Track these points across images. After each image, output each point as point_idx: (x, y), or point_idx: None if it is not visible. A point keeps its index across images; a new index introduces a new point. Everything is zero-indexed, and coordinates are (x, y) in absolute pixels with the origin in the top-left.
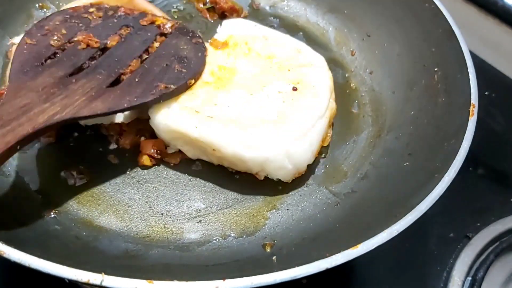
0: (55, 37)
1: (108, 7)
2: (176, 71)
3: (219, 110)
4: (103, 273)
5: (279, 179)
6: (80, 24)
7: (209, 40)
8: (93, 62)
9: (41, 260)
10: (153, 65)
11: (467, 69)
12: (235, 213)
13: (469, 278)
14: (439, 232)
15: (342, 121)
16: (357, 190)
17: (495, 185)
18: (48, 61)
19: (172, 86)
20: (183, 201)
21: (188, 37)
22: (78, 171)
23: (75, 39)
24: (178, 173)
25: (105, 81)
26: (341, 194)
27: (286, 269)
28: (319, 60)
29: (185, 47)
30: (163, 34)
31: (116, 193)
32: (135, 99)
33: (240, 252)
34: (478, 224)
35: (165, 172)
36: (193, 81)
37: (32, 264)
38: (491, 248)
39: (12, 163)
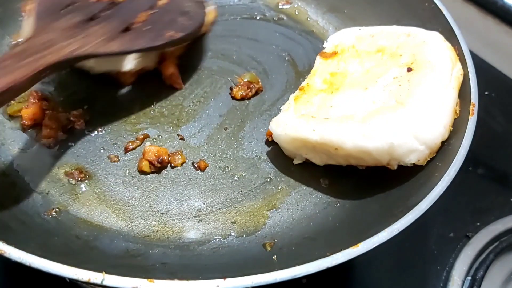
0: None
1: None
2: (181, 23)
3: (335, 111)
4: (103, 272)
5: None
6: None
7: (318, 55)
8: (106, 12)
9: (42, 259)
10: (160, 17)
11: (467, 68)
12: (235, 213)
13: (469, 278)
14: (439, 231)
15: None
16: (357, 189)
17: (495, 185)
18: (66, 9)
19: (180, 33)
20: (183, 201)
21: None
22: (79, 171)
23: None
24: (179, 172)
25: (118, 27)
26: (341, 193)
27: (286, 268)
28: (433, 36)
29: (188, 4)
30: None
31: (116, 192)
32: (146, 43)
33: (241, 252)
34: (478, 224)
35: (166, 172)
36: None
37: (33, 263)
38: (491, 248)
39: (13, 162)
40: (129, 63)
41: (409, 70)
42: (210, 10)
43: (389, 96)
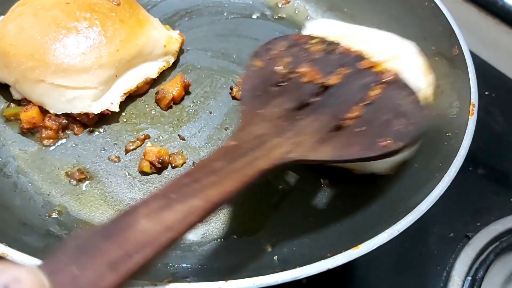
0: (280, 64)
1: (329, 41)
2: (401, 127)
3: None
4: None
5: None
6: (304, 55)
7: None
8: (317, 99)
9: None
10: (374, 116)
11: (467, 67)
12: (236, 213)
13: (469, 278)
14: (439, 232)
15: None
16: (357, 189)
17: (495, 185)
18: (275, 88)
19: (400, 143)
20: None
21: (406, 92)
22: (79, 171)
23: (299, 70)
24: (180, 173)
25: (329, 123)
26: (342, 194)
27: (287, 270)
28: (407, 49)
29: (405, 101)
30: (381, 83)
31: (117, 193)
32: (358, 153)
33: (242, 252)
34: (478, 224)
35: (167, 172)
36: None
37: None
38: (491, 248)
39: (13, 163)
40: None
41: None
42: (168, 36)
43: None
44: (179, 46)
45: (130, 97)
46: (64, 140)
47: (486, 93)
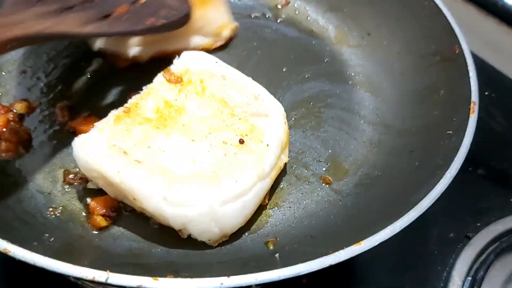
0: None
1: None
2: (163, 13)
3: (151, 155)
4: (108, 271)
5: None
6: None
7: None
8: (85, 4)
9: (47, 258)
10: (141, 9)
11: (467, 66)
12: None
13: (469, 278)
14: (439, 232)
15: (343, 118)
16: (358, 188)
17: (495, 185)
18: (40, 2)
19: (162, 20)
20: None
21: None
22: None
23: None
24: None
25: (96, 15)
26: (343, 192)
27: (290, 266)
28: (277, 110)
29: (171, 2)
30: None
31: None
32: (125, 27)
33: (243, 250)
34: (478, 224)
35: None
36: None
37: (38, 262)
38: (491, 248)
39: (15, 163)
40: (134, 49)
41: (241, 142)
42: (225, 22)
43: (210, 163)
44: (231, 35)
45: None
46: (63, 139)
47: (486, 93)
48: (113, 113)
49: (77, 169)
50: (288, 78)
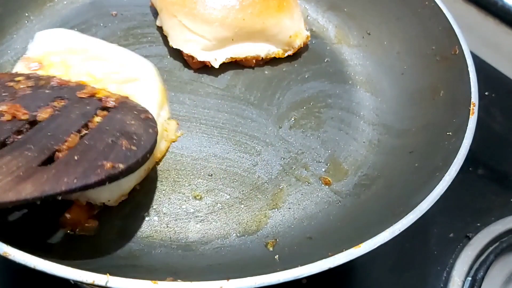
0: None
1: (39, 76)
2: (124, 148)
3: None
4: (108, 274)
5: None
6: (4, 93)
7: (19, 59)
8: (20, 137)
9: (47, 261)
10: (95, 141)
11: (467, 67)
12: (237, 212)
13: (469, 278)
14: (439, 232)
15: (343, 118)
16: (358, 189)
17: (495, 185)
18: None
19: (121, 165)
20: (185, 200)
21: (135, 112)
22: None
23: None
24: (180, 173)
25: (35, 159)
26: (342, 192)
27: (289, 269)
28: (145, 71)
29: (133, 122)
30: (105, 108)
31: None
32: (75, 180)
33: (243, 251)
34: (478, 224)
35: (167, 171)
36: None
37: (38, 265)
38: (491, 248)
39: None
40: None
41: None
42: (298, 31)
43: None
44: (302, 44)
45: (235, 64)
46: None
47: (486, 93)
48: None
49: None
50: (288, 78)
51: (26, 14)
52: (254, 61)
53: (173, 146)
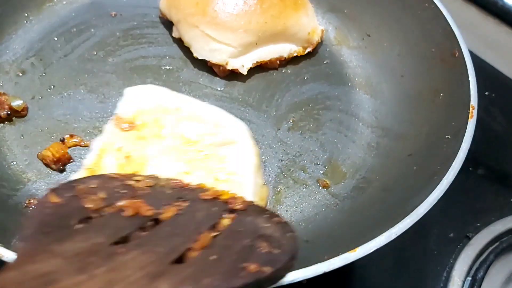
0: (90, 200)
1: (159, 177)
2: (264, 251)
3: None
4: None
5: None
6: (123, 191)
7: (111, 118)
8: (144, 233)
9: None
10: (231, 242)
11: (467, 69)
12: None
13: (469, 278)
14: (439, 232)
15: (341, 120)
16: (356, 191)
17: (495, 185)
18: (81, 225)
19: (268, 269)
20: None
21: (266, 215)
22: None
23: (119, 203)
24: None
25: (167, 256)
26: (340, 195)
27: None
28: (241, 133)
29: (267, 225)
30: (232, 211)
31: None
32: (217, 282)
33: None
34: (478, 224)
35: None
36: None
37: None
38: (491, 248)
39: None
40: None
41: (216, 179)
42: (314, 27)
43: None
44: (319, 40)
45: (260, 67)
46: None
47: (486, 93)
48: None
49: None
50: (287, 80)
51: (26, 14)
52: (278, 62)
53: None
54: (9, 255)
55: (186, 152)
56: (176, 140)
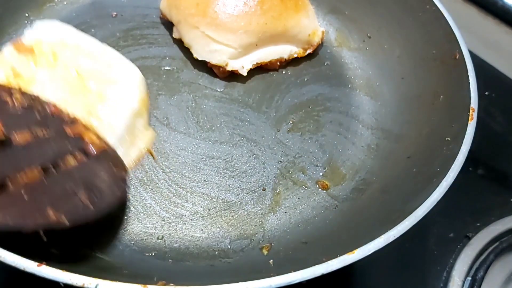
0: None
1: (38, 98)
2: (79, 203)
3: None
4: (97, 278)
5: None
6: None
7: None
8: None
9: (36, 263)
10: (55, 185)
11: (467, 72)
12: (232, 216)
13: (469, 278)
14: (439, 232)
15: (341, 122)
16: (355, 193)
17: (495, 185)
18: None
19: (66, 222)
20: (179, 203)
21: (113, 166)
22: None
23: None
24: (176, 175)
25: None
26: (339, 197)
27: (282, 275)
28: (129, 76)
29: (104, 178)
30: (84, 153)
31: None
32: (9, 218)
33: (237, 255)
34: (478, 224)
35: (163, 174)
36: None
37: (28, 267)
38: (491, 248)
39: None
40: None
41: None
42: (315, 28)
43: None
44: (319, 41)
45: (260, 68)
46: None
47: (486, 93)
48: None
49: None
50: (287, 81)
51: (26, 14)
52: (278, 63)
53: (168, 149)
54: (5, 255)
55: (71, 84)
56: (67, 72)
